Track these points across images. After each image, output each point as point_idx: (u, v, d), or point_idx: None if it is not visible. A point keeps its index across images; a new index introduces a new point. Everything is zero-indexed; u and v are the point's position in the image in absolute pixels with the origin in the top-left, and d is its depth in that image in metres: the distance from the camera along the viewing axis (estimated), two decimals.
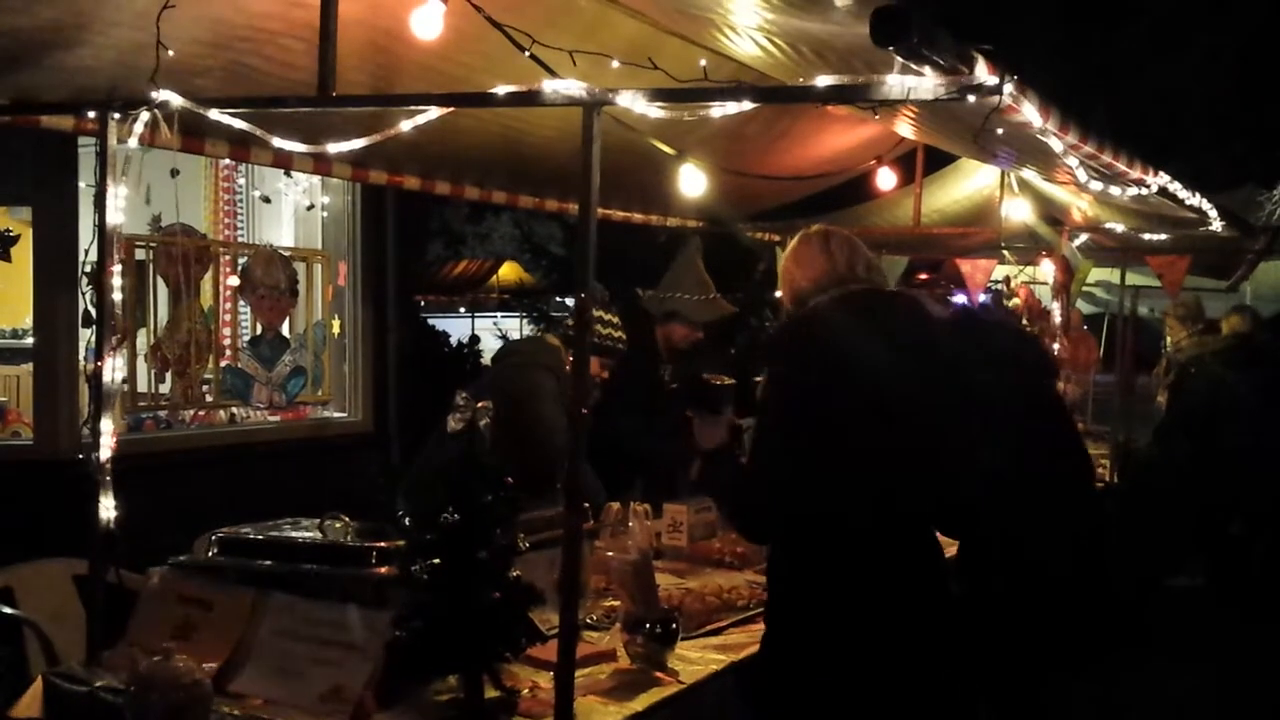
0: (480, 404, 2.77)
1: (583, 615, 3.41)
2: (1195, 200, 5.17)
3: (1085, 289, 9.67)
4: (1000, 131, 2.83)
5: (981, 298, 11.34)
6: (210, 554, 3.34)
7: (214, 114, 3.15)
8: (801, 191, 7.13)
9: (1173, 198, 4.77)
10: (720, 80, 3.16)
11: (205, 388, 6.25)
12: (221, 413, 6.51)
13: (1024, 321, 7.69)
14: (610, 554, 3.71)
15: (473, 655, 2.75)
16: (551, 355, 4.85)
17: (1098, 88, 14.41)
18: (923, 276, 11.80)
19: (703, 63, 3.07)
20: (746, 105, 2.60)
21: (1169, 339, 8.18)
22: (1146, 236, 6.98)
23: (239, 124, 3.20)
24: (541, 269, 12.80)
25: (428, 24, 3.21)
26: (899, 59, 2.32)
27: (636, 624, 3.18)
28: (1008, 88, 2.30)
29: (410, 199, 7.16)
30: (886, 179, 6.44)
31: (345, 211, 7.16)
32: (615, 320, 4.91)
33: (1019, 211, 6.51)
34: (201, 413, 6.39)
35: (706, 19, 3.23)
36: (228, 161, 6.60)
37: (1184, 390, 7.34)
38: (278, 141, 3.30)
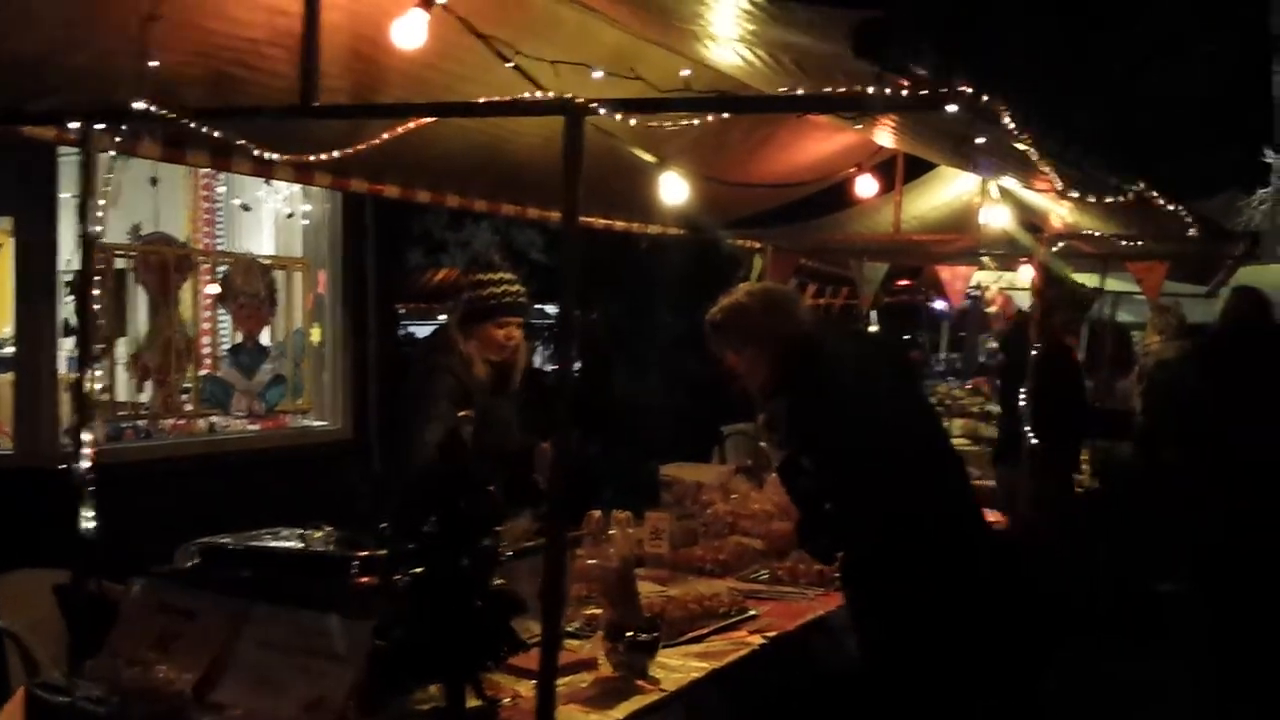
0: (462, 413, 2.78)
1: (564, 623, 3.41)
2: (1174, 207, 5.21)
3: None
4: (981, 141, 2.86)
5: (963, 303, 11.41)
6: (192, 563, 3.33)
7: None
8: (783, 198, 7.16)
9: (1152, 204, 4.81)
10: (701, 90, 3.18)
11: (184, 397, 6.24)
12: (201, 422, 6.49)
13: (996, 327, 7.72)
14: (592, 561, 3.72)
15: (455, 664, 2.75)
16: (446, 357, 4.41)
17: (1079, 92, 14.53)
18: (903, 283, 11.84)
19: (685, 73, 3.08)
20: (728, 114, 2.61)
21: (1143, 344, 8.22)
22: (1125, 242, 7.00)
23: (219, 133, 3.20)
24: (521, 276, 12.80)
25: (411, 33, 3.21)
26: (879, 70, 2.34)
27: (618, 632, 3.18)
28: (987, 99, 2.32)
29: (391, 206, 7.14)
30: (867, 186, 6.46)
31: (325, 219, 7.15)
32: (510, 276, 4.51)
33: (998, 218, 6.53)
34: (181, 422, 6.37)
35: (688, 30, 3.25)
36: (207, 170, 6.59)
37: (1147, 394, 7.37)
38: (259, 152, 3.30)
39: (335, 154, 3.26)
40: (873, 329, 10.79)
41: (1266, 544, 5.70)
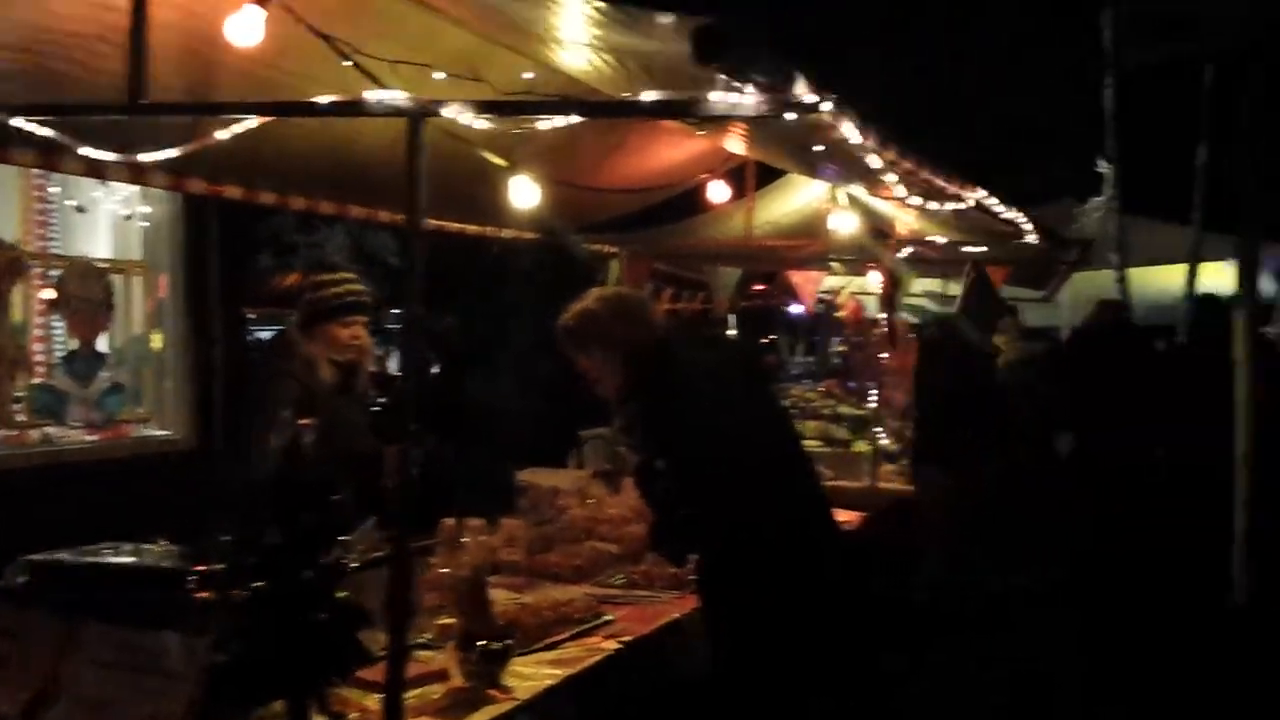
0: (304, 421, 2.71)
1: (416, 634, 3.36)
2: (1010, 214, 5.39)
3: (912, 300, 9.97)
4: (822, 148, 2.90)
5: (817, 307, 11.64)
6: (21, 581, 3.18)
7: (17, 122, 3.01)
8: (638, 203, 7.19)
9: (988, 212, 4.97)
10: (549, 93, 3.17)
11: (16, 407, 5.98)
12: (34, 433, 6.20)
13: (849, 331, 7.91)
14: (444, 570, 3.67)
15: (298, 680, 2.68)
16: (288, 361, 4.37)
17: (930, 108, 14.97)
18: (759, 287, 12.00)
19: (527, 75, 3.07)
20: (572, 119, 2.61)
21: None
22: (967, 249, 7.23)
23: (45, 132, 3.07)
24: (375, 280, 12.62)
25: (247, 30, 3.12)
26: (721, 77, 2.35)
27: (470, 641, 3.14)
28: (826, 105, 2.36)
29: (236, 208, 6.93)
30: (719, 192, 6.54)
31: (166, 221, 6.91)
32: (351, 276, 4.49)
33: (847, 224, 6.68)
34: (12, 433, 6.09)
35: (535, 33, 3.23)
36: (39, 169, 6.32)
37: None
38: (85, 150, 3.17)
39: (169, 153, 3.14)
40: (731, 332, 10.93)
41: (1139, 547, 5.92)
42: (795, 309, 14.23)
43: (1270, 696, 5.30)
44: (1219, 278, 9.68)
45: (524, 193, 4.56)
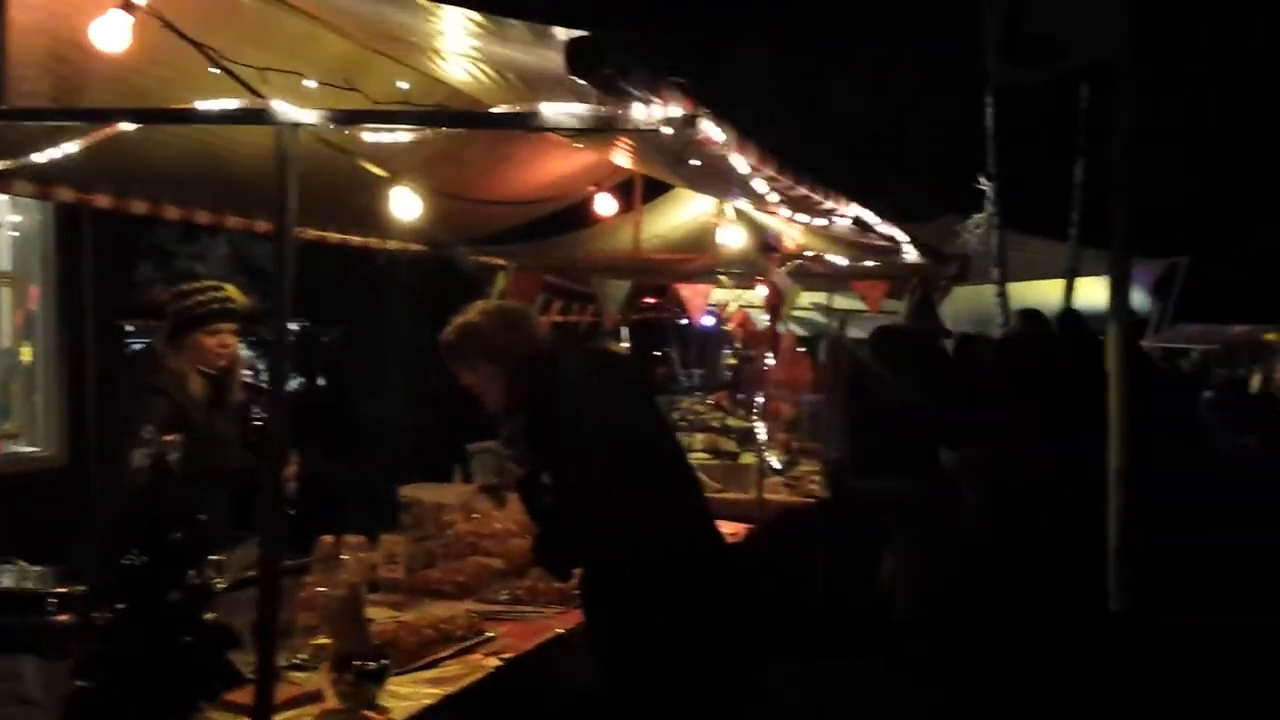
0: (167, 437, 2.63)
1: (290, 655, 3.28)
2: (887, 229, 5.48)
3: (800, 313, 10.08)
4: (698, 162, 2.91)
5: (707, 320, 11.70)
6: None
7: None
8: (526, 216, 7.16)
9: (866, 227, 5.04)
10: (428, 104, 3.13)
11: None
12: None
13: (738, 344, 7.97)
14: (320, 589, 3.59)
15: (163, 704, 2.60)
16: (156, 376, 4.22)
17: (816, 126, 15.19)
18: (649, 301, 12.03)
19: (402, 85, 3.03)
20: (457, 130, 2.57)
21: None
22: (848, 263, 7.33)
23: None
24: (258, 291, 12.36)
25: (112, 35, 3.03)
26: (597, 90, 2.35)
27: (344, 662, 3.08)
28: (700, 120, 2.37)
29: (111, 217, 6.75)
30: (606, 205, 6.53)
31: (36, 230, 6.69)
32: (216, 284, 4.38)
33: (735, 239, 6.72)
34: None
35: (413, 43, 3.19)
36: None
37: None
38: None
39: (30, 160, 3.03)
40: (624, 345, 10.94)
41: (1047, 558, 6.01)
42: (688, 321, 14.30)
43: (1141, 705, 5.42)
44: (1095, 292, 9.97)
45: (406, 204, 4.49)
